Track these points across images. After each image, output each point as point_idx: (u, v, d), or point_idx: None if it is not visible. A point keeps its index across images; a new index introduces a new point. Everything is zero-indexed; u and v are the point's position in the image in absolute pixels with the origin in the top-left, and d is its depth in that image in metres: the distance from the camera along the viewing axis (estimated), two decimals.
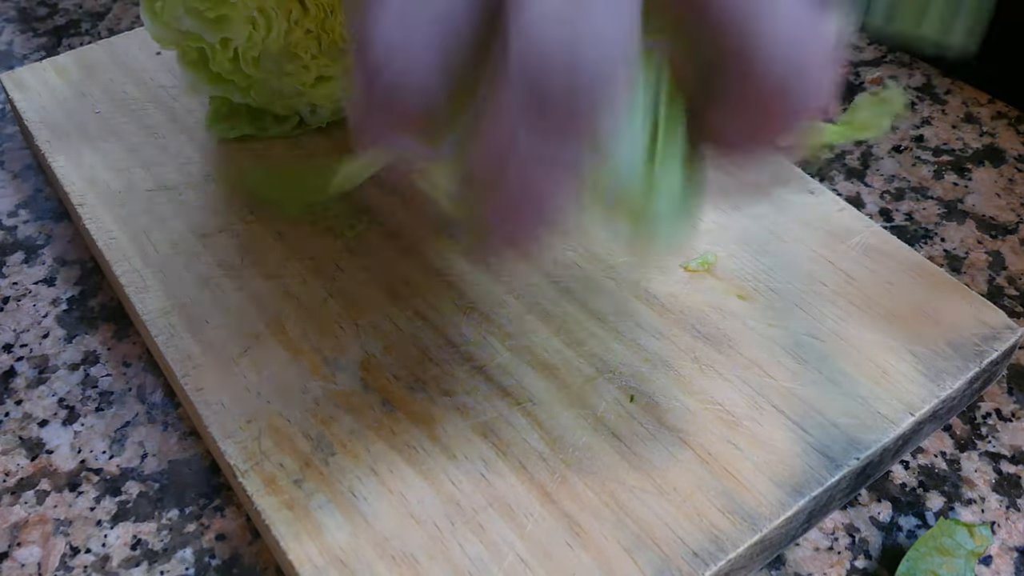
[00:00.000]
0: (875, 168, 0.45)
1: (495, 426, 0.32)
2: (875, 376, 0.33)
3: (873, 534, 0.32)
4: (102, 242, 0.38)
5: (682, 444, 0.31)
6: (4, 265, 0.41)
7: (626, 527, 0.29)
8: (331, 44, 0.40)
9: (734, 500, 0.29)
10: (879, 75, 0.50)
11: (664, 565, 0.28)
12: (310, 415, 0.32)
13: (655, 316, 0.35)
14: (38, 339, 0.38)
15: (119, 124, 0.43)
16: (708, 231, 0.38)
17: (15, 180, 0.45)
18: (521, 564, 0.28)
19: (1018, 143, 0.46)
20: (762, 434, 0.31)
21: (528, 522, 0.29)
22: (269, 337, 0.34)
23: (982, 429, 0.35)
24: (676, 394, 0.32)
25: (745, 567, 0.29)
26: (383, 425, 0.32)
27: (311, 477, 0.30)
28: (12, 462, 0.34)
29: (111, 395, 0.36)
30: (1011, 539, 0.32)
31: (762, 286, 0.36)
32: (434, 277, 0.36)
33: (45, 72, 0.46)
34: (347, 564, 0.28)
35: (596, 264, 0.37)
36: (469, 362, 0.34)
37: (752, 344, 0.34)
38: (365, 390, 0.33)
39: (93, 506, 0.33)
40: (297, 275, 0.37)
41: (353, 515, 0.29)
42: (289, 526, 0.29)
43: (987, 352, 0.33)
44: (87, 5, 0.56)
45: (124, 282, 0.36)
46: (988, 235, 0.41)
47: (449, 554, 0.28)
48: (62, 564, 0.31)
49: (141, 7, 0.38)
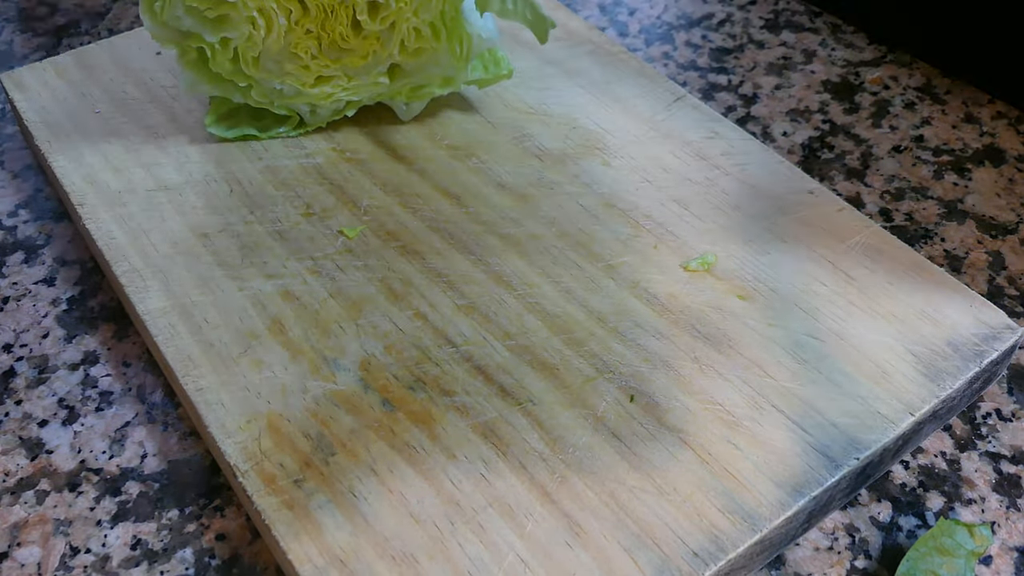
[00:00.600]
0: (875, 168, 0.45)
1: (495, 426, 0.32)
2: (875, 376, 0.33)
3: (873, 534, 0.32)
4: (102, 242, 0.38)
5: (682, 444, 0.31)
6: (4, 265, 0.41)
7: (626, 527, 0.29)
8: (331, 44, 0.40)
9: (734, 500, 0.29)
10: (879, 75, 0.50)
11: (664, 565, 0.28)
12: (310, 415, 0.32)
13: (655, 316, 0.35)
14: (38, 339, 0.38)
15: (119, 124, 0.43)
16: (708, 231, 0.38)
17: (15, 180, 0.45)
18: (521, 564, 0.28)
19: (1018, 143, 0.46)
20: (762, 434, 0.31)
21: (528, 522, 0.29)
22: (269, 337, 0.34)
23: (982, 429, 0.35)
24: (676, 394, 0.32)
25: (745, 567, 0.29)
26: (383, 425, 0.32)
27: (311, 477, 0.30)
28: (12, 462, 0.34)
29: (111, 395, 0.36)
30: (1011, 539, 0.32)
31: (762, 286, 0.36)
32: (434, 277, 0.36)
33: (45, 72, 0.46)
34: (347, 564, 0.28)
35: (596, 264, 0.37)
36: (469, 362, 0.34)
37: (752, 344, 0.34)
38: (365, 390, 0.33)
39: (93, 506, 0.33)
40: (297, 275, 0.37)
41: (353, 515, 0.29)
42: (289, 526, 0.29)
43: (987, 352, 0.33)
44: (87, 5, 0.56)
45: (124, 282, 0.36)
46: (988, 235, 0.41)
47: (449, 554, 0.28)
48: (62, 564, 0.31)
49: (140, 7, 0.38)
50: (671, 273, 0.36)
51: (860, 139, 0.46)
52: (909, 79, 0.49)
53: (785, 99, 0.49)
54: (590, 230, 0.38)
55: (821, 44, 0.52)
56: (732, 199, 0.39)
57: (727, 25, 0.54)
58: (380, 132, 0.43)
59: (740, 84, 0.50)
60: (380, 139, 0.43)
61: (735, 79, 0.50)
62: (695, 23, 0.54)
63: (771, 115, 0.48)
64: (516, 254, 0.37)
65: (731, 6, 0.55)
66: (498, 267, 0.37)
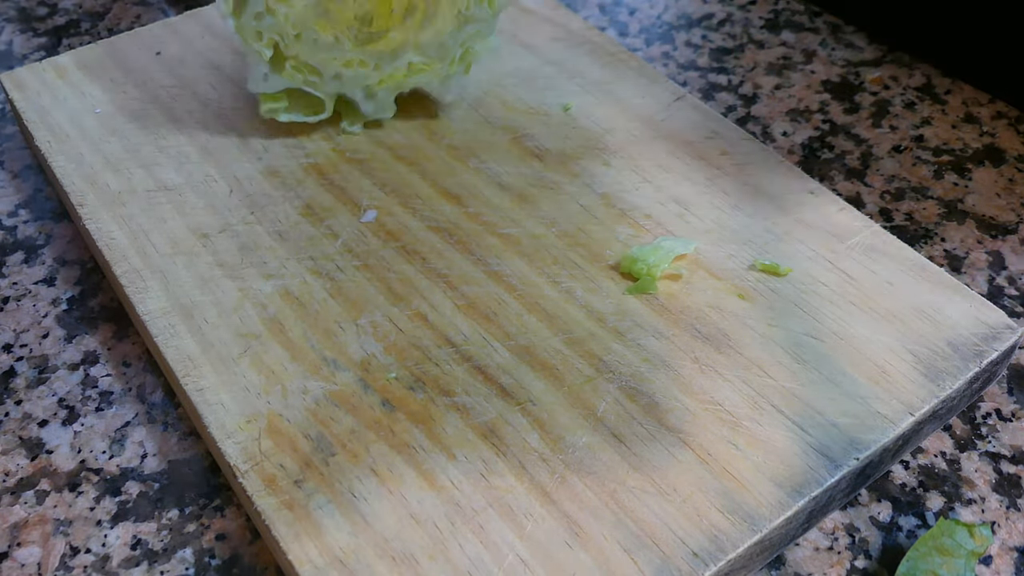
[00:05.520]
0: (875, 168, 0.45)
1: (495, 426, 0.32)
2: (875, 376, 0.33)
3: (873, 534, 0.32)
4: (102, 242, 0.38)
5: (682, 444, 0.31)
6: (4, 265, 0.41)
7: (626, 527, 0.29)
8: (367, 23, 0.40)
9: (734, 500, 0.29)
10: (879, 75, 0.50)
11: (664, 565, 0.28)
12: (310, 415, 0.32)
13: (655, 316, 0.35)
14: (38, 339, 0.38)
15: (119, 124, 0.43)
16: (708, 231, 0.38)
17: (15, 180, 0.45)
18: (521, 564, 0.28)
19: (1018, 143, 0.46)
20: (762, 434, 0.31)
21: (528, 522, 0.29)
22: (269, 337, 0.34)
23: (982, 429, 0.35)
24: (676, 394, 0.32)
25: (745, 567, 0.29)
26: (383, 425, 0.32)
27: (311, 477, 0.30)
28: (12, 462, 0.34)
29: (111, 395, 0.36)
30: (1011, 539, 0.32)
31: (762, 286, 0.36)
32: (434, 277, 0.36)
33: (45, 72, 0.46)
34: (347, 564, 0.28)
35: (596, 263, 0.37)
36: (469, 362, 0.34)
37: (752, 344, 0.34)
38: (365, 390, 0.33)
39: (93, 506, 0.33)
40: (297, 275, 0.37)
41: (353, 515, 0.29)
42: (289, 526, 0.29)
43: (987, 352, 0.33)
44: (87, 5, 0.56)
45: (124, 282, 0.36)
46: (988, 235, 0.41)
47: (449, 554, 0.28)
48: (62, 564, 0.31)
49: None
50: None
51: (860, 139, 0.46)
52: (909, 79, 0.49)
53: (785, 99, 0.49)
54: (590, 230, 0.38)
55: (821, 44, 0.52)
56: (732, 199, 0.39)
57: (727, 25, 0.54)
58: (380, 132, 0.43)
59: (740, 84, 0.50)
60: (380, 139, 0.43)
61: (735, 79, 0.50)
62: (695, 23, 0.54)
63: (771, 115, 0.48)
64: (516, 254, 0.37)
65: (731, 6, 0.55)
66: (498, 267, 0.37)
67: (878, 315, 0.34)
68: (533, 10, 0.49)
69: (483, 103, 0.44)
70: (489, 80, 0.45)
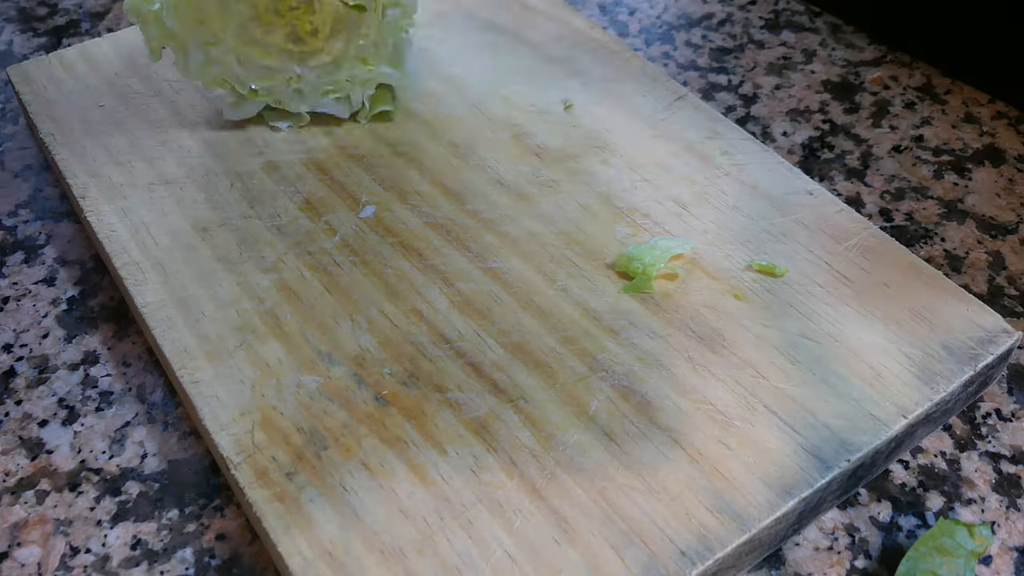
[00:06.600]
0: (875, 168, 0.45)
1: (487, 422, 0.32)
2: (868, 378, 0.33)
3: (873, 534, 0.32)
4: (103, 234, 0.38)
5: (673, 443, 0.31)
6: (4, 265, 0.42)
7: (615, 525, 0.29)
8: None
9: (723, 500, 0.29)
10: (879, 75, 0.50)
11: (651, 563, 0.28)
12: (304, 409, 0.32)
13: (649, 315, 0.35)
14: (38, 339, 0.38)
15: (123, 118, 0.44)
16: (706, 231, 0.38)
17: (16, 180, 0.46)
18: (509, 560, 0.28)
19: (1018, 143, 0.45)
20: (754, 434, 0.31)
21: (517, 518, 0.29)
22: (265, 331, 0.35)
23: (982, 429, 0.35)
24: (668, 393, 0.32)
25: (734, 567, 0.29)
26: (375, 420, 0.32)
27: (303, 470, 0.30)
28: (12, 462, 0.34)
29: (111, 395, 0.36)
30: (1011, 539, 0.32)
31: (758, 286, 0.36)
32: (431, 274, 0.37)
33: (51, 66, 0.47)
34: (336, 557, 0.28)
35: (593, 262, 0.37)
36: (463, 358, 0.34)
37: (746, 344, 0.34)
38: (359, 385, 0.33)
39: (93, 506, 0.33)
40: (294, 270, 0.37)
41: (343, 509, 0.30)
42: (279, 518, 0.29)
43: (982, 355, 0.33)
44: (87, 5, 0.57)
45: (123, 274, 0.37)
46: (988, 235, 0.41)
47: (437, 549, 0.29)
48: (62, 564, 0.31)
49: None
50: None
51: (860, 139, 0.46)
52: (909, 79, 0.49)
53: (785, 99, 0.48)
54: (588, 229, 0.38)
55: (821, 44, 0.52)
56: (731, 199, 0.39)
57: (727, 25, 0.53)
58: (380, 128, 0.43)
59: (740, 84, 0.49)
60: (380, 135, 0.43)
61: (735, 79, 0.50)
62: (695, 23, 0.54)
63: (771, 115, 0.48)
64: (514, 252, 0.37)
65: (731, 6, 0.55)
66: (495, 264, 0.37)
67: (873, 317, 0.34)
68: (536, 8, 0.49)
69: (484, 100, 0.44)
70: (491, 77, 0.45)
